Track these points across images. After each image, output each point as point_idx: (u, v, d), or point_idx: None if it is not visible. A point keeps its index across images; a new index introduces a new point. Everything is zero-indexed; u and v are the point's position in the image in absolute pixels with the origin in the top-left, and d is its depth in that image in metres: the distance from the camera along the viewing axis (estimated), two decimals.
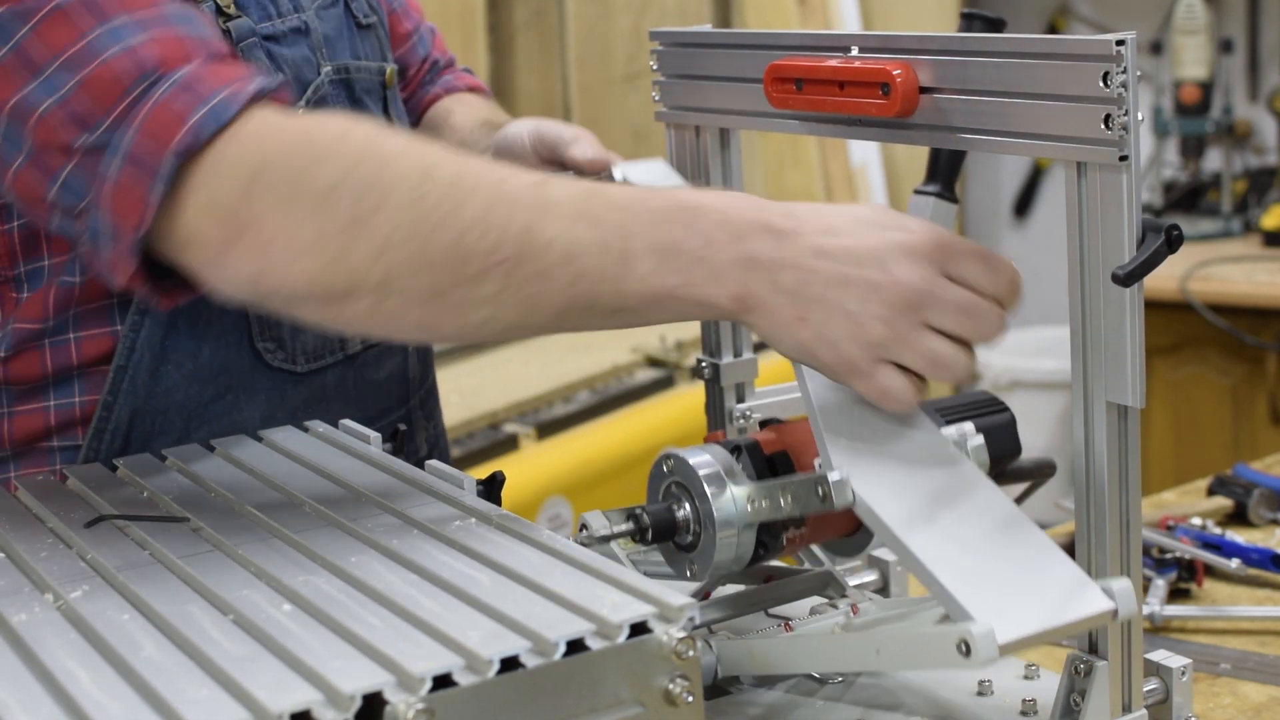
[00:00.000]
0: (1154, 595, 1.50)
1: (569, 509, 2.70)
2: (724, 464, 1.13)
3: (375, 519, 1.11)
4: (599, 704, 0.89)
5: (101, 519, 1.13)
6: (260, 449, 1.30)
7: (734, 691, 1.19)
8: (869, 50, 1.17)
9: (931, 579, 1.00)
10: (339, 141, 1.05)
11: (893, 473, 1.08)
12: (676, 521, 1.14)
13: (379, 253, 1.03)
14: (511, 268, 1.03)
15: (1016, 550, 1.04)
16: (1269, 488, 1.74)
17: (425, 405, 1.55)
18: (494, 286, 1.04)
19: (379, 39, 1.50)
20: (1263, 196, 3.76)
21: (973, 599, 0.98)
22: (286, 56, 1.34)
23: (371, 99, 1.45)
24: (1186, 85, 3.72)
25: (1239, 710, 1.32)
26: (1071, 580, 1.02)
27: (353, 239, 1.02)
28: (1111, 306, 1.05)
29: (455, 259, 1.03)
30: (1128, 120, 1.01)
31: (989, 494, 1.08)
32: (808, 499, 1.07)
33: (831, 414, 1.10)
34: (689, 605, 0.91)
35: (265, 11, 1.34)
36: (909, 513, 1.04)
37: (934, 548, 1.02)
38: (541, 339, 3.43)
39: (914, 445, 1.10)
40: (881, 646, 1.05)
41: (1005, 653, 0.96)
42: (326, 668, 0.85)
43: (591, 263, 1.04)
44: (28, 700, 0.86)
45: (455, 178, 1.04)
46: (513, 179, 1.06)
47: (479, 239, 1.03)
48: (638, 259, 1.04)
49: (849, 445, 1.08)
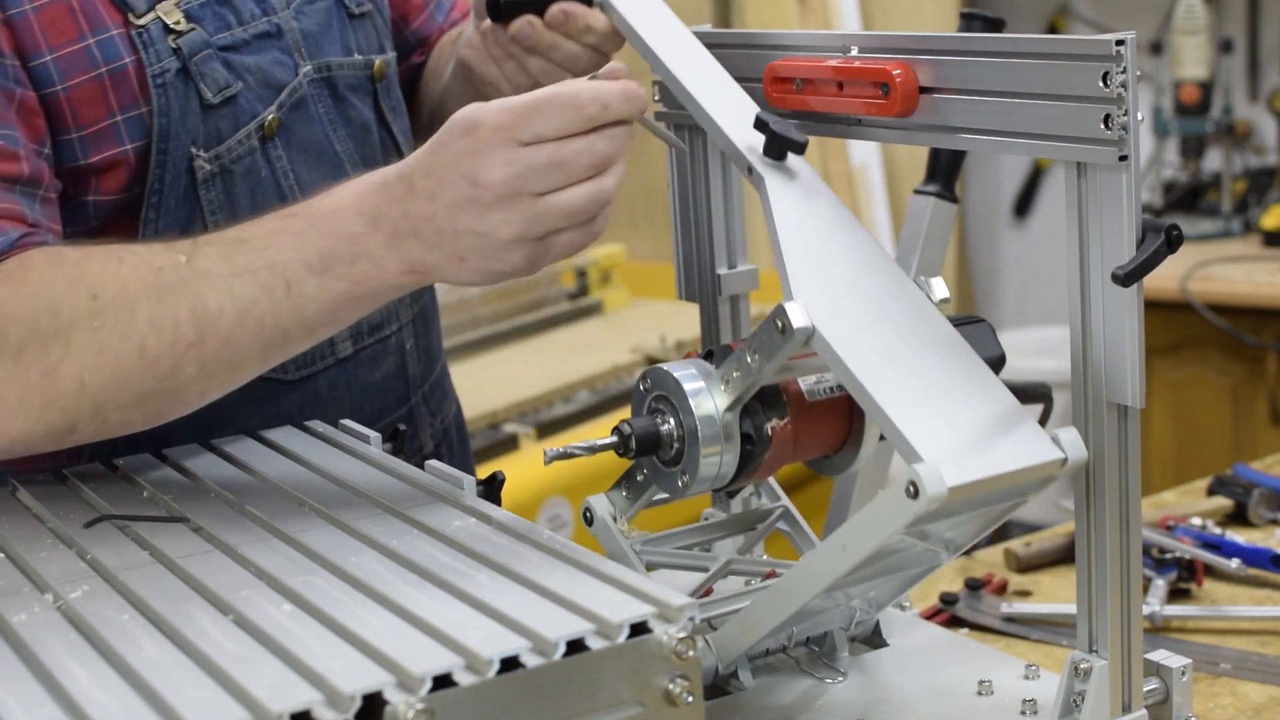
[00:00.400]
0: (1154, 595, 1.50)
1: (569, 509, 2.70)
2: (701, 370, 1.14)
3: (375, 519, 1.11)
4: (599, 704, 0.89)
5: (102, 519, 1.13)
6: (260, 449, 1.30)
7: (734, 692, 1.19)
8: (869, 50, 1.17)
9: (884, 417, 1.00)
10: (17, 298, 1.12)
11: (855, 308, 1.07)
12: (661, 435, 1.14)
13: (80, 389, 1.12)
14: (198, 348, 1.13)
15: (973, 396, 1.04)
16: (1269, 488, 1.74)
17: (430, 400, 1.55)
18: (192, 369, 1.13)
19: (375, 27, 1.49)
20: (1263, 196, 3.76)
21: (924, 440, 0.99)
22: (249, 64, 1.34)
23: (358, 95, 1.44)
24: (1186, 85, 3.72)
25: (1239, 710, 1.32)
26: (1023, 429, 1.03)
27: (53, 386, 1.12)
28: (1111, 306, 1.05)
29: (146, 365, 1.13)
30: (1128, 120, 1.01)
31: (950, 338, 1.08)
32: (770, 340, 1.07)
33: (796, 246, 1.10)
34: (689, 605, 0.91)
35: (224, 21, 1.33)
36: (867, 348, 1.04)
37: (889, 386, 1.02)
38: (541, 339, 3.43)
39: (879, 284, 1.10)
40: (846, 540, 1.04)
41: (954, 496, 0.96)
42: (326, 668, 0.85)
43: (264, 307, 1.12)
44: (28, 700, 0.86)
45: (119, 292, 1.12)
46: (168, 267, 1.13)
47: (159, 339, 1.12)
48: (301, 283, 1.12)
49: (811, 278, 1.08)
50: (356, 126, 1.44)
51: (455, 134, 1.09)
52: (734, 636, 1.14)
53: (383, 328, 1.47)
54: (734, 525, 1.32)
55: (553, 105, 1.07)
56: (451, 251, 1.10)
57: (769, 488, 1.33)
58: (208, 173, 1.31)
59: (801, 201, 1.14)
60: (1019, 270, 4.53)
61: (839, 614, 1.21)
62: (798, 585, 1.09)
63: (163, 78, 1.27)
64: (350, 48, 1.45)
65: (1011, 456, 1.01)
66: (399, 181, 1.11)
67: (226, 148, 1.32)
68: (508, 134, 1.07)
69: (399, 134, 1.50)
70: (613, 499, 1.22)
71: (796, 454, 1.18)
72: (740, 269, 1.37)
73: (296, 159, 1.38)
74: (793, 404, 1.15)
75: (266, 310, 1.12)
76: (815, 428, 1.17)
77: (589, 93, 1.07)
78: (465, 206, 1.08)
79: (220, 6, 1.33)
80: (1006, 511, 1.09)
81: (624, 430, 1.15)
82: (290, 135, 1.37)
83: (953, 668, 1.21)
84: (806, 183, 1.16)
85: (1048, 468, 1.03)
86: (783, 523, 1.31)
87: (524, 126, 1.07)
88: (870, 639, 1.26)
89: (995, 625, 1.50)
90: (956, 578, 1.60)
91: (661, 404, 1.14)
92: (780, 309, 1.05)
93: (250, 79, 1.34)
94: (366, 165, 1.43)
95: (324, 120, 1.41)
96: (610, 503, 1.22)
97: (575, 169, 1.08)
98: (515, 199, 1.07)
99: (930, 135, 1.14)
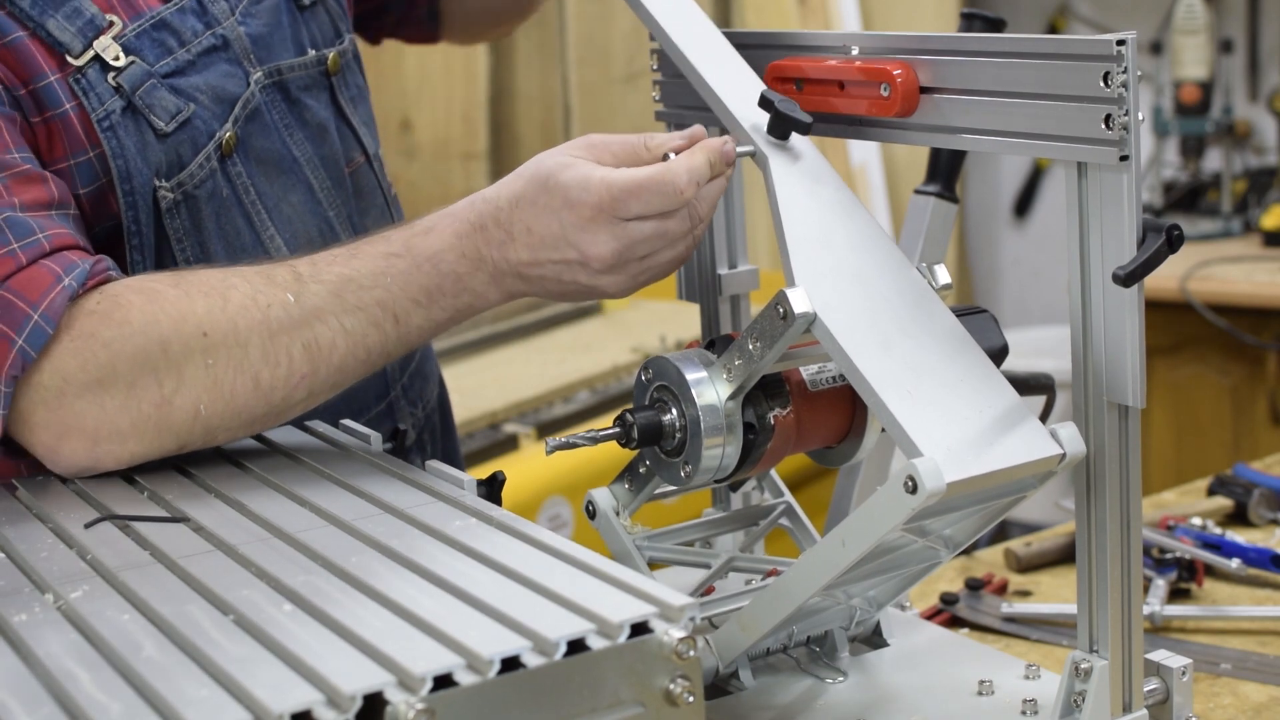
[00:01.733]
0: (1154, 595, 1.50)
1: (569, 509, 2.70)
2: (703, 359, 1.14)
3: (375, 519, 1.11)
4: (599, 704, 0.88)
5: (102, 519, 1.13)
6: (260, 449, 1.30)
7: (734, 691, 1.19)
8: (869, 50, 1.17)
9: (883, 408, 1.00)
10: (123, 338, 1.17)
11: (856, 294, 1.07)
12: (663, 425, 1.14)
13: (194, 417, 1.19)
14: (311, 379, 1.21)
15: (972, 388, 1.04)
16: (1269, 488, 1.74)
17: (410, 391, 1.54)
18: (302, 395, 1.22)
19: (328, 11, 1.46)
20: (1263, 196, 3.76)
21: (923, 434, 0.99)
22: (198, 85, 1.32)
23: (312, 95, 1.42)
24: (1186, 85, 3.72)
25: (1239, 710, 1.32)
26: (1023, 423, 1.03)
27: (167, 416, 1.19)
28: (1112, 306, 1.05)
29: (260, 396, 1.20)
30: (1128, 120, 1.01)
31: (951, 329, 1.08)
32: (771, 326, 1.07)
33: (799, 229, 1.09)
34: (690, 605, 0.91)
35: (164, 47, 1.30)
36: (868, 337, 1.04)
37: (889, 376, 1.02)
38: (541, 339, 3.44)
39: (882, 270, 1.10)
40: (845, 536, 1.04)
41: (952, 491, 0.96)
42: (327, 668, 0.85)
43: (374, 340, 1.21)
44: (28, 700, 0.86)
45: (230, 330, 1.18)
46: (276, 305, 1.19)
47: (273, 373, 1.19)
48: (409, 316, 1.21)
49: (813, 263, 1.08)
50: (314, 128, 1.42)
51: (554, 199, 1.15)
52: (734, 635, 1.14)
53: None
54: (736, 520, 1.32)
55: (651, 190, 1.13)
56: (555, 291, 1.19)
57: (772, 483, 1.33)
58: (171, 201, 1.30)
59: (806, 184, 1.13)
60: (1019, 270, 4.53)
61: (839, 613, 1.21)
62: (798, 582, 1.09)
63: (109, 120, 1.26)
64: (303, 43, 1.42)
65: (1010, 452, 1.01)
66: (496, 228, 1.18)
67: (188, 173, 1.30)
68: (611, 213, 1.14)
69: (359, 125, 1.49)
70: (615, 492, 1.22)
71: (799, 444, 1.17)
72: (741, 269, 1.37)
73: (256, 172, 1.36)
74: (795, 393, 1.15)
75: (376, 341, 1.21)
76: (818, 417, 1.16)
77: (685, 177, 1.14)
78: (574, 268, 1.17)
79: (159, 32, 1.30)
80: (1006, 508, 1.09)
81: (626, 420, 1.15)
82: (248, 149, 1.35)
83: (953, 668, 1.21)
84: (811, 165, 1.15)
85: (1046, 463, 1.03)
86: (785, 519, 1.30)
87: (625, 208, 1.14)
88: (871, 639, 1.26)
89: (995, 625, 1.50)
90: (957, 578, 1.60)
91: (664, 394, 1.14)
92: (781, 294, 1.05)
93: (202, 98, 1.32)
94: (325, 166, 1.42)
95: (279, 127, 1.39)
96: (613, 496, 1.22)
97: (676, 236, 1.16)
98: (622, 266, 1.16)
99: (931, 135, 1.14)
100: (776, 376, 1.15)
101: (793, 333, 1.06)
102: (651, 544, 1.24)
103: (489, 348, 3.33)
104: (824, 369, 1.16)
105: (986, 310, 1.18)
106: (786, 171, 1.14)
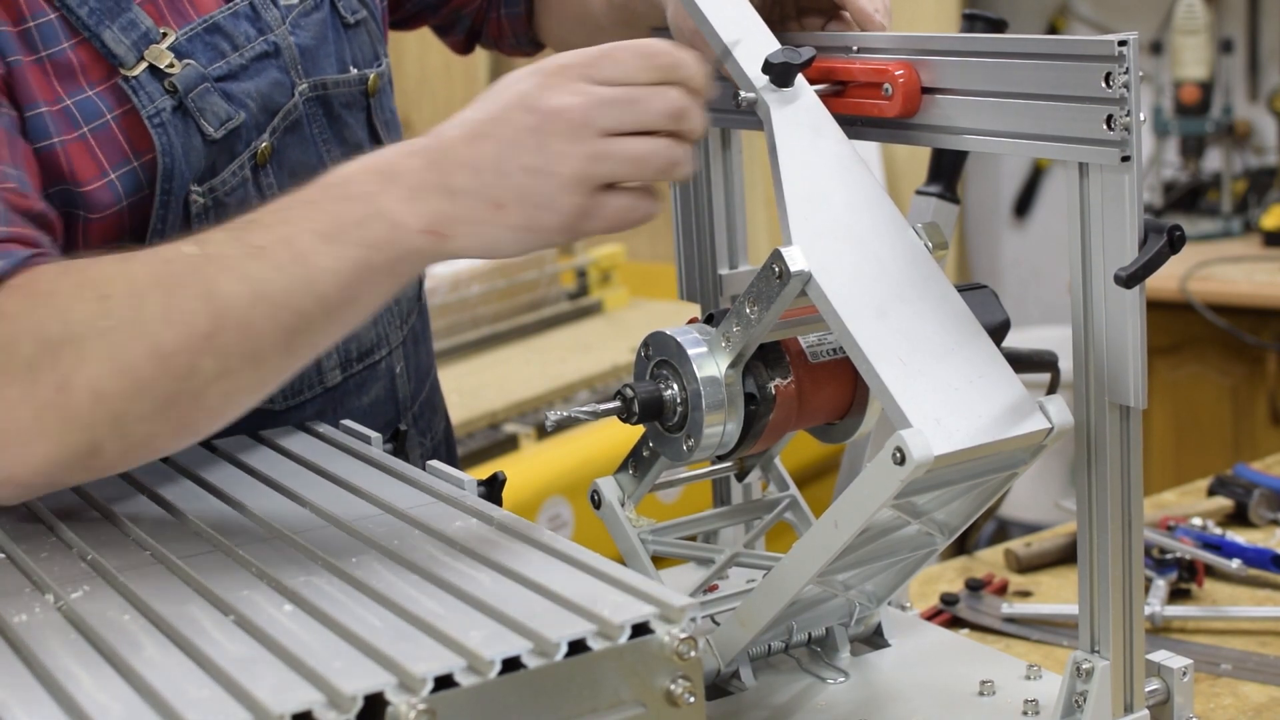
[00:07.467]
0: (1155, 595, 1.50)
1: (569, 509, 2.70)
2: (703, 333, 1.13)
3: (375, 519, 1.11)
4: (600, 704, 0.88)
5: (102, 519, 1.13)
6: (260, 449, 1.30)
7: (735, 691, 1.19)
8: (870, 50, 1.17)
9: (875, 377, 1.00)
10: (26, 310, 1.05)
11: (853, 255, 1.06)
12: (664, 400, 1.13)
13: (97, 399, 1.03)
14: (214, 340, 1.03)
15: (965, 358, 1.04)
16: (1269, 488, 1.74)
17: (420, 421, 1.51)
18: (210, 364, 1.03)
19: (369, 34, 1.44)
20: (1263, 196, 3.76)
21: (913, 405, 0.98)
22: (249, 90, 1.28)
23: (352, 113, 1.40)
24: (1186, 85, 3.72)
25: (1239, 710, 1.32)
26: (1013, 396, 1.03)
27: (68, 400, 1.02)
28: (1113, 307, 1.05)
29: (162, 364, 1.03)
30: (1130, 121, 1.01)
31: (946, 294, 1.07)
32: (768, 287, 1.06)
33: (797, 186, 1.08)
34: (691, 606, 0.91)
35: (217, 50, 1.27)
36: (864, 303, 1.04)
37: (881, 343, 1.02)
38: (541, 339, 3.43)
39: (879, 231, 1.08)
40: (838, 516, 1.03)
41: (940, 463, 0.96)
42: (328, 668, 0.85)
43: (278, 286, 1.03)
44: (28, 701, 0.86)
45: (128, 289, 1.04)
46: (177, 258, 1.05)
47: (172, 333, 1.03)
48: (314, 254, 1.03)
49: (811, 220, 1.06)
50: (350, 146, 1.39)
51: (514, 78, 1.03)
52: (735, 631, 1.14)
53: (372, 353, 1.42)
54: (741, 513, 1.32)
55: (626, 50, 1.02)
56: (489, 198, 1.01)
57: (777, 475, 1.32)
58: (201, 206, 1.26)
59: (807, 138, 1.11)
60: (1019, 270, 4.53)
61: (838, 607, 1.21)
62: (793, 568, 1.09)
63: (159, 116, 1.22)
64: (346, 61, 1.40)
65: (1000, 425, 1.01)
66: (425, 138, 1.04)
67: (221, 180, 1.27)
68: (578, 71, 1.02)
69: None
70: (620, 482, 1.22)
71: (801, 418, 1.17)
72: (741, 269, 1.37)
73: (287, 184, 1.30)
74: (795, 363, 1.14)
75: (280, 289, 1.03)
76: (819, 389, 1.16)
77: (663, 44, 1.03)
78: (523, 139, 1.00)
79: (211, 35, 1.27)
80: (999, 486, 1.09)
81: (626, 394, 1.14)
82: (283, 160, 1.33)
83: (954, 668, 1.21)
84: (813, 119, 1.13)
85: (1034, 436, 1.02)
86: (790, 513, 1.30)
87: (596, 67, 1.02)
88: (871, 639, 1.26)
89: (996, 626, 1.50)
90: (957, 578, 1.60)
91: (664, 369, 1.14)
92: (777, 253, 1.04)
93: (251, 105, 1.29)
94: None
95: (318, 141, 1.36)
96: (618, 486, 1.22)
97: (647, 112, 1.02)
98: (582, 130, 1.00)
99: (932, 136, 1.14)
100: (775, 346, 1.14)
101: (789, 293, 1.05)
102: (656, 538, 1.24)
103: (489, 348, 3.33)
104: (823, 339, 1.15)
105: (986, 286, 1.18)
106: (788, 125, 1.11)
